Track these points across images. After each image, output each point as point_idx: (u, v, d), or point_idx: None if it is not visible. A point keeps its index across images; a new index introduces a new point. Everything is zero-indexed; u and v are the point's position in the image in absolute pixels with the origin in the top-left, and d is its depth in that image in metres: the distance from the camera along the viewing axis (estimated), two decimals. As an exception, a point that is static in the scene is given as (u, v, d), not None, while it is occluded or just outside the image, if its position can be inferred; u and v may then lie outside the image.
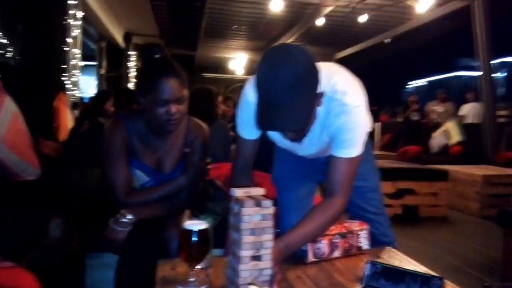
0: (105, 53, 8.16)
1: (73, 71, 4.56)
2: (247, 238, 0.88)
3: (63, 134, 3.36)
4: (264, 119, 1.09)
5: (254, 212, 0.88)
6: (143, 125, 1.59)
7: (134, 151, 1.60)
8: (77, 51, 4.66)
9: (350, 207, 1.59)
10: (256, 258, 0.89)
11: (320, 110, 1.25)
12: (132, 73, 8.93)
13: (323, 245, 1.34)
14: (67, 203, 2.25)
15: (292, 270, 1.26)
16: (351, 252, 1.40)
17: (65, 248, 2.14)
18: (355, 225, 1.43)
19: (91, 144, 2.23)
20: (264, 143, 1.45)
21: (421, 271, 1.25)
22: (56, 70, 4.13)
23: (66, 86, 4.31)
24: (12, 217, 1.93)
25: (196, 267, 1.23)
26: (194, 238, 1.11)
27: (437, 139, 7.01)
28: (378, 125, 8.80)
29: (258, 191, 0.93)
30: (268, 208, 0.90)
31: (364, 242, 1.43)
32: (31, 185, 2.34)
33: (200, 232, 1.12)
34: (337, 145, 1.27)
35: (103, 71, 8.07)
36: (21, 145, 2.35)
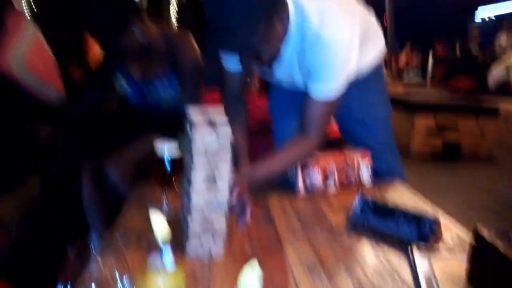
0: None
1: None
2: (199, 161, 0.79)
3: (94, 62, 3.39)
4: (208, 42, 0.97)
5: (207, 133, 0.78)
6: None
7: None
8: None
9: (352, 140, 1.47)
10: (211, 180, 0.81)
11: (295, 38, 1.09)
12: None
13: (315, 173, 1.23)
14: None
15: (278, 201, 1.18)
16: (350, 184, 1.28)
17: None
18: (356, 156, 1.30)
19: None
20: None
21: (424, 208, 1.13)
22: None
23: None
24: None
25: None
26: (166, 160, 1.06)
27: (496, 74, 6.37)
28: (431, 57, 8.12)
29: (217, 112, 0.82)
30: (223, 127, 0.79)
31: (365, 174, 1.31)
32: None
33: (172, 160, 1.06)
34: (312, 83, 1.12)
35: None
36: (44, 68, 2.36)
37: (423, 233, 0.93)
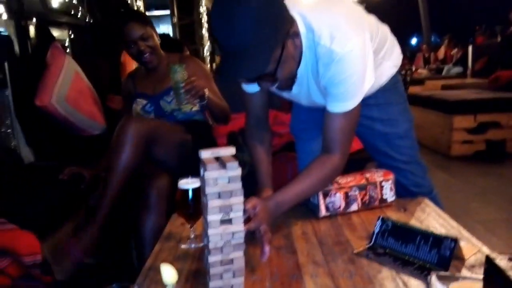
0: (175, 0, 8.20)
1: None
2: (213, 202, 0.83)
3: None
4: (222, 69, 0.99)
5: (219, 175, 0.83)
6: (142, 69, 1.95)
7: (135, 87, 1.94)
8: (140, 4, 4.75)
9: (377, 155, 1.46)
10: (227, 221, 0.85)
11: (308, 56, 1.09)
12: (205, 18, 8.90)
13: (337, 198, 1.24)
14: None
15: (300, 226, 1.20)
16: (373, 205, 1.29)
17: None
18: (378, 175, 1.30)
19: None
20: None
21: (447, 227, 1.11)
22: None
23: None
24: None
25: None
26: (190, 197, 1.11)
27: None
28: (471, 49, 7.77)
29: (228, 151, 0.87)
30: (234, 170, 0.83)
31: (389, 193, 1.30)
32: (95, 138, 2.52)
33: (195, 191, 1.11)
34: (330, 99, 1.11)
35: (175, 20, 8.17)
36: (85, 103, 2.52)
37: (443, 257, 0.93)
